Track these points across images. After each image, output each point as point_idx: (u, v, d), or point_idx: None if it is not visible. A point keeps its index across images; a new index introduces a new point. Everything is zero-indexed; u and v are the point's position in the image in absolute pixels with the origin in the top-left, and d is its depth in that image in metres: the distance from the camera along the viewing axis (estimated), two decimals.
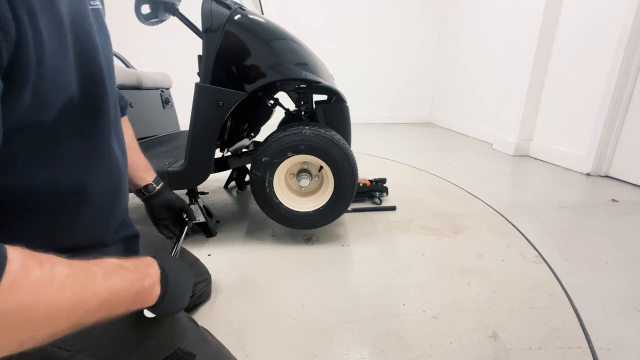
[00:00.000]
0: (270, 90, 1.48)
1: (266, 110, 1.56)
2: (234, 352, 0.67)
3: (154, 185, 0.78)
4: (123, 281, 0.37)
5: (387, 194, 1.78)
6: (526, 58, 2.64)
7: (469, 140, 3.51)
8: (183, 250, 0.86)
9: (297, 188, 1.35)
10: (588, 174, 2.25)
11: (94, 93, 0.45)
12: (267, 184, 1.24)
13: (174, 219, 0.83)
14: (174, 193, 0.84)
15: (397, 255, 1.27)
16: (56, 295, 0.30)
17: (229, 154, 1.45)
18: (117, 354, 0.47)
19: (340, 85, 1.56)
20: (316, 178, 1.32)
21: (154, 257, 0.47)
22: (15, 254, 0.28)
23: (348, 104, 1.47)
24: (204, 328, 0.63)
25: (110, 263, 0.38)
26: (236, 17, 1.12)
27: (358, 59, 4.43)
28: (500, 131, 3.04)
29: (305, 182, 1.26)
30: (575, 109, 2.38)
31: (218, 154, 1.52)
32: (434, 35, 4.46)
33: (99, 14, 0.49)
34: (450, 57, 4.20)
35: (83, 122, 0.44)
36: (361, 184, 1.74)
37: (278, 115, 1.80)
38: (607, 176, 2.23)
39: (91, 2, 0.47)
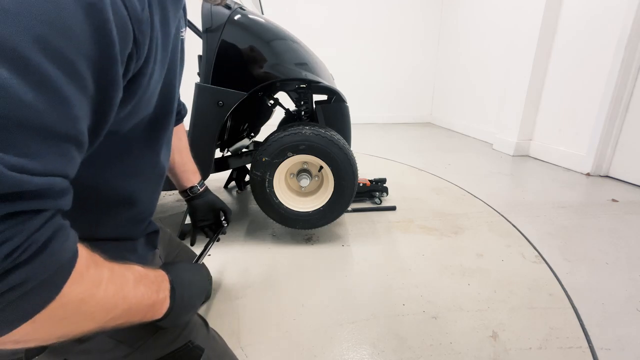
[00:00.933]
0: (270, 90, 1.48)
1: (266, 110, 1.56)
2: (234, 352, 0.67)
3: (199, 188, 0.85)
4: (146, 291, 0.40)
5: (387, 194, 1.78)
6: (526, 58, 2.64)
7: (469, 140, 3.51)
8: (186, 250, 0.87)
9: (297, 188, 1.35)
10: (588, 174, 2.25)
11: (163, 112, 0.49)
12: (267, 184, 1.24)
13: (213, 220, 0.89)
14: (215, 195, 0.89)
15: (397, 255, 1.27)
16: (101, 295, 0.32)
17: (229, 154, 1.45)
18: (134, 339, 0.49)
19: (340, 85, 1.56)
20: (316, 178, 1.32)
21: (165, 269, 0.48)
22: (82, 252, 0.31)
23: (348, 104, 1.47)
24: (212, 328, 0.65)
25: (138, 271, 0.40)
26: (236, 17, 1.13)
27: (358, 59, 4.43)
28: (500, 131, 3.04)
29: (305, 182, 1.26)
30: (575, 109, 2.38)
31: (218, 154, 1.52)
32: (434, 35, 4.45)
33: (183, 44, 0.54)
34: (450, 57, 4.20)
35: (146, 135, 0.48)
36: (361, 184, 1.74)
37: (278, 115, 1.80)
38: (607, 176, 2.23)
39: (181, 34, 0.52)
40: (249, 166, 1.56)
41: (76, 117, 0.28)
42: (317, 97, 1.60)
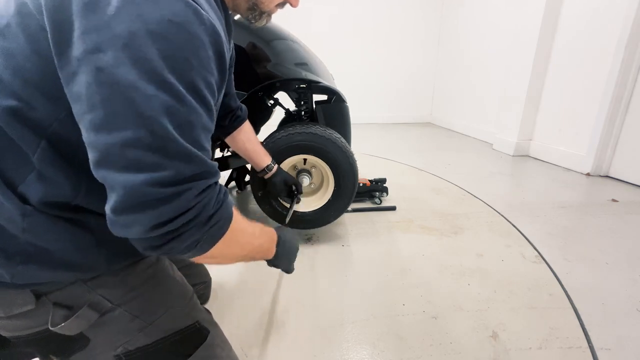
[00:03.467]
0: (270, 90, 1.48)
1: (266, 110, 1.56)
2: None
3: (272, 165, 1.08)
4: (266, 240, 0.62)
5: (387, 194, 1.78)
6: (526, 58, 2.64)
7: (469, 140, 3.51)
8: None
9: None
10: (588, 174, 2.25)
11: None
12: None
13: (287, 191, 1.13)
14: (287, 172, 1.14)
15: (397, 255, 1.27)
16: (247, 231, 0.54)
17: (229, 153, 1.45)
18: (148, 314, 0.54)
19: (340, 85, 1.56)
20: (313, 169, 1.33)
21: (275, 228, 0.68)
22: (234, 209, 0.49)
23: (348, 104, 1.46)
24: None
25: (260, 226, 0.60)
26: (236, 17, 1.12)
27: (358, 59, 4.42)
28: (500, 131, 3.04)
29: (306, 181, 1.26)
30: (575, 109, 2.38)
31: (218, 154, 1.52)
32: (434, 35, 4.45)
33: None
34: (451, 57, 4.19)
35: None
36: (361, 184, 1.74)
37: (278, 115, 1.80)
38: (607, 176, 2.22)
39: None
40: (249, 166, 1.56)
41: (214, 120, 0.44)
42: (317, 97, 1.60)
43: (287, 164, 1.25)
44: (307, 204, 1.32)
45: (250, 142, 1.03)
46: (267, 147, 1.20)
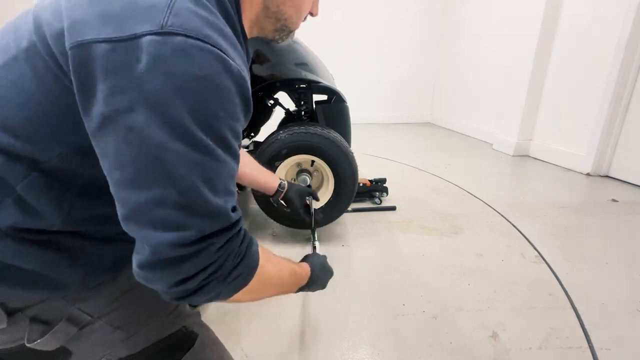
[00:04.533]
0: (270, 90, 1.48)
1: (266, 110, 1.56)
2: (233, 352, 0.66)
3: (284, 184, 1.05)
4: (295, 280, 0.62)
5: (387, 194, 1.78)
6: (526, 58, 2.64)
7: (469, 140, 3.51)
8: None
9: None
10: (588, 174, 2.25)
11: None
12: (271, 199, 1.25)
13: (304, 202, 1.11)
14: (297, 184, 1.12)
15: (397, 255, 1.27)
16: (274, 272, 0.53)
17: None
18: (130, 325, 0.53)
19: (340, 85, 1.56)
20: (315, 173, 1.33)
21: (309, 260, 0.72)
22: (260, 252, 0.48)
23: (348, 104, 1.46)
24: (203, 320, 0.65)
25: (290, 267, 0.60)
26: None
27: (358, 59, 4.42)
28: (500, 131, 3.04)
29: (307, 180, 1.27)
30: (575, 109, 2.38)
31: None
32: (435, 35, 4.45)
33: None
34: (451, 57, 4.19)
35: None
36: (361, 184, 1.73)
37: (278, 115, 1.80)
38: (607, 176, 2.22)
39: None
40: None
41: (239, 163, 0.45)
42: (317, 97, 1.60)
43: (287, 164, 1.25)
44: None
45: (253, 167, 0.99)
46: (266, 147, 1.20)
